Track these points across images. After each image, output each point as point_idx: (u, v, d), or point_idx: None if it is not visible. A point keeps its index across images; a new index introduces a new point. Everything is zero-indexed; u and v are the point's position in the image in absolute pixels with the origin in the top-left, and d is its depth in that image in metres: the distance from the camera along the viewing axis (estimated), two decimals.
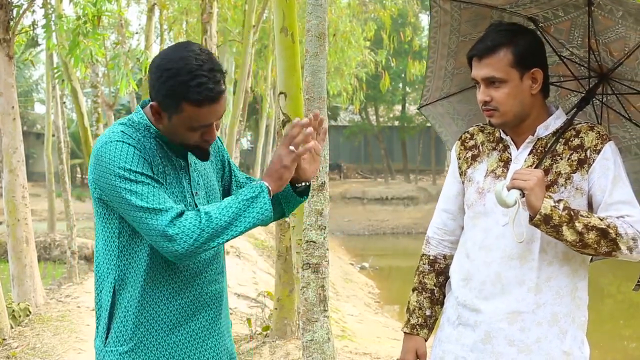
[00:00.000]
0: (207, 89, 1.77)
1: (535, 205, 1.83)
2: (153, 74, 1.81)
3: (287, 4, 4.33)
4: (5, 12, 5.99)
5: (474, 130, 2.15)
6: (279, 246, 5.86)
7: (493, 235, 1.98)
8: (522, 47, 1.92)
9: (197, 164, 1.98)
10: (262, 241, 15.39)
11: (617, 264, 10.91)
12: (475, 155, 2.09)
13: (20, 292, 6.43)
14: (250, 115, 25.98)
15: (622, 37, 1.99)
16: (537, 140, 1.99)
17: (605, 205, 1.92)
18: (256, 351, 5.41)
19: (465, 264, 2.05)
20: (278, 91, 4.39)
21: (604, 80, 2.10)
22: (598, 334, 10.45)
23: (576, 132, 1.97)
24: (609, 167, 1.92)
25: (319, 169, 2.86)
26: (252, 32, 11.73)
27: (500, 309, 1.95)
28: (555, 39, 2.11)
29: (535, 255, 1.94)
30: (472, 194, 2.05)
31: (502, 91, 1.92)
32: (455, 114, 2.42)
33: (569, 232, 1.84)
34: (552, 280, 1.95)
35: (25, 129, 24.34)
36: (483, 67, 1.93)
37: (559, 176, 1.94)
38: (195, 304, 1.94)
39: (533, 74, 1.94)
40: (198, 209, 1.79)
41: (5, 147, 6.22)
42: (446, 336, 2.09)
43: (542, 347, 1.94)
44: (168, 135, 1.87)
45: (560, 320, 1.96)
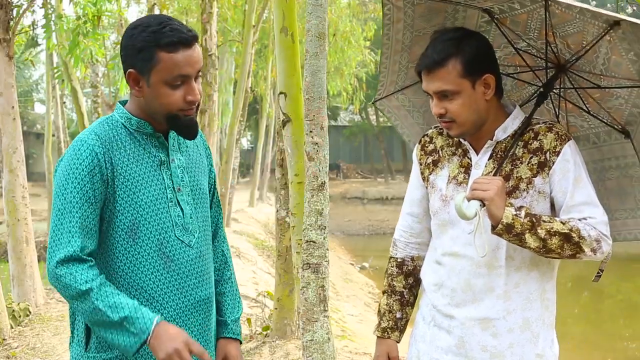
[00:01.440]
0: (179, 32, 1.76)
1: (497, 215, 1.81)
2: (124, 39, 1.81)
3: (287, 4, 4.33)
4: (5, 12, 5.98)
5: (432, 133, 2.12)
6: (279, 246, 5.86)
7: (460, 243, 1.96)
8: (470, 55, 1.87)
9: (182, 161, 1.93)
10: (262, 241, 15.39)
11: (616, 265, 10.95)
12: (436, 161, 2.06)
13: (20, 292, 6.43)
14: (250, 115, 25.99)
15: (580, 30, 1.97)
16: (496, 143, 1.97)
17: (567, 208, 1.90)
18: (256, 351, 5.41)
19: (436, 270, 2.04)
20: (278, 91, 4.39)
21: (561, 72, 2.07)
22: (598, 334, 10.44)
23: (535, 134, 1.94)
24: (569, 169, 1.90)
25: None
26: (252, 32, 11.73)
27: (471, 315, 1.95)
28: (512, 31, 2.08)
29: (502, 262, 1.92)
30: (436, 201, 2.03)
31: (456, 103, 1.88)
32: (410, 106, 2.40)
33: (532, 239, 1.82)
34: (521, 286, 1.94)
35: (25, 129, 24.32)
36: (433, 80, 1.89)
37: (520, 181, 1.92)
38: (184, 310, 1.88)
39: (485, 80, 1.90)
40: (97, 277, 1.73)
41: (5, 147, 6.22)
42: (421, 335, 2.09)
43: (515, 352, 1.94)
44: (151, 108, 1.83)
45: (531, 325, 1.96)
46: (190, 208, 1.92)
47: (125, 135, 1.84)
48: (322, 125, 3.38)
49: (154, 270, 1.83)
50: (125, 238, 1.81)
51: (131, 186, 1.81)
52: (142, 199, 1.82)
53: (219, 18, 11.96)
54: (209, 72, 8.27)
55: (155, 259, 1.84)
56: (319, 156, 3.34)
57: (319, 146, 3.36)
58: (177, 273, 1.87)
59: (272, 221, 17.06)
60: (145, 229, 1.82)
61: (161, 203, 1.85)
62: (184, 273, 1.88)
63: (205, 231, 1.97)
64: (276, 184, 5.80)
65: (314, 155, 3.37)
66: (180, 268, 1.87)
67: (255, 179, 21.17)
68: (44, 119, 17.91)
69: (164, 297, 1.85)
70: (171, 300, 1.86)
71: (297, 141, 4.15)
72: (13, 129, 6.21)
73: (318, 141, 3.36)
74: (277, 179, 5.73)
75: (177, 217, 1.88)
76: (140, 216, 1.81)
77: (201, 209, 1.97)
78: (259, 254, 13.56)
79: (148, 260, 1.83)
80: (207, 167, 2.05)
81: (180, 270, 1.87)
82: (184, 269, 1.88)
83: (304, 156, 3.54)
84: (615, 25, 1.88)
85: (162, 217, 1.85)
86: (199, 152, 2.02)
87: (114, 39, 14.64)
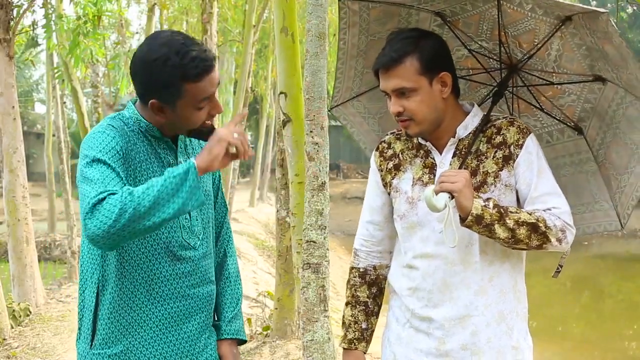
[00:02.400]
0: (201, 60, 1.76)
1: (466, 207, 1.83)
2: (141, 70, 1.78)
3: (287, 4, 4.33)
4: (5, 12, 5.99)
5: (390, 138, 2.12)
6: (279, 246, 5.86)
7: (432, 243, 1.96)
8: (427, 53, 1.89)
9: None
10: (262, 241, 15.40)
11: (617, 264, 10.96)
12: (397, 165, 2.06)
13: (21, 292, 6.43)
14: (251, 115, 25.99)
15: (532, 29, 1.99)
16: (458, 141, 1.98)
17: (531, 199, 1.93)
18: (256, 351, 5.41)
19: (408, 273, 2.03)
20: (278, 91, 4.39)
21: (514, 72, 2.10)
22: (598, 334, 10.45)
23: (497, 129, 1.97)
24: (532, 161, 1.93)
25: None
26: (252, 32, 11.73)
27: (450, 315, 1.95)
28: (464, 33, 2.11)
29: (477, 257, 1.94)
30: (402, 205, 2.02)
31: (414, 100, 1.89)
32: (366, 113, 2.40)
33: (501, 230, 1.84)
34: (495, 280, 1.95)
35: (25, 129, 24.35)
36: (391, 78, 1.90)
37: (487, 175, 1.94)
38: (187, 307, 1.92)
39: (442, 78, 1.91)
40: (121, 188, 1.66)
41: (6, 147, 6.22)
42: (396, 337, 2.08)
43: (492, 346, 1.96)
44: (174, 127, 1.85)
45: (506, 318, 1.97)
46: (196, 211, 1.94)
47: (137, 133, 1.86)
48: (322, 125, 3.38)
49: (160, 268, 1.87)
50: None
51: (139, 183, 1.82)
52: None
53: (219, 18, 11.96)
54: None
55: (162, 256, 1.87)
56: (320, 156, 3.34)
57: (319, 146, 3.36)
58: (182, 272, 1.90)
59: (272, 221, 17.06)
60: None
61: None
62: (189, 272, 1.92)
63: (209, 232, 2.01)
64: (276, 184, 5.81)
65: (314, 155, 3.37)
66: (186, 268, 1.91)
67: (256, 179, 21.18)
68: (44, 119, 17.92)
69: (167, 293, 1.89)
70: (175, 298, 1.90)
71: (298, 141, 4.15)
72: (13, 129, 6.22)
73: (318, 141, 3.36)
74: (277, 179, 5.74)
75: (183, 220, 1.91)
76: None
77: (206, 211, 2.00)
78: (260, 254, 13.56)
79: (156, 257, 1.86)
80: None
81: (185, 270, 1.91)
82: (188, 269, 1.92)
83: (304, 156, 3.54)
84: (567, 20, 1.91)
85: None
86: None
87: (114, 39, 14.64)
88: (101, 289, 1.86)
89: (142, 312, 1.87)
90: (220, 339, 2.05)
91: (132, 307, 1.86)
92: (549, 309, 11.69)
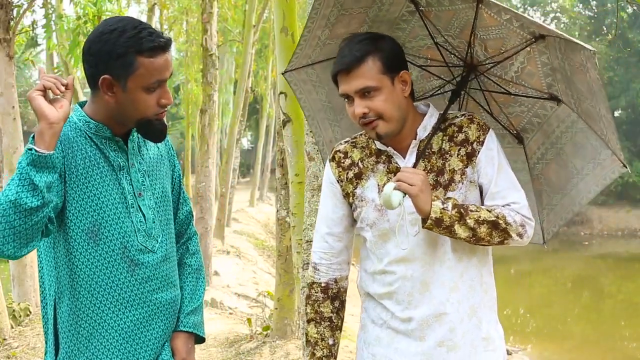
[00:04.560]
0: (158, 36, 1.75)
1: (425, 210, 1.83)
2: (96, 43, 1.76)
3: (287, 4, 4.33)
4: (5, 12, 5.99)
5: (345, 147, 2.09)
6: (279, 246, 5.86)
7: (407, 246, 1.96)
8: (387, 52, 1.90)
9: (142, 164, 1.91)
10: (262, 241, 15.41)
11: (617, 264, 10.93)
12: (359, 174, 2.04)
13: (21, 292, 6.43)
14: (251, 115, 25.99)
15: (501, 37, 2.01)
16: (419, 143, 1.98)
17: (491, 194, 1.95)
18: (256, 351, 5.42)
19: (383, 279, 2.01)
20: (278, 91, 4.39)
21: (473, 72, 2.11)
22: (598, 334, 10.44)
23: (458, 127, 1.98)
24: (493, 157, 1.95)
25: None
26: (252, 32, 11.75)
27: (428, 314, 1.96)
28: (433, 25, 2.11)
29: (450, 254, 1.95)
30: (370, 213, 2.00)
31: (378, 99, 1.88)
32: (317, 82, 2.37)
33: (462, 230, 1.86)
34: (465, 275, 1.97)
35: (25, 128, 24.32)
36: (354, 79, 1.88)
37: (454, 173, 1.95)
38: (149, 313, 1.87)
39: (402, 77, 1.92)
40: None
41: (6, 147, 6.22)
42: (374, 338, 2.06)
43: (466, 341, 1.97)
44: (123, 115, 1.80)
45: (477, 311, 1.99)
46: (153, 213, 1.90)
47: (83, 137, 1.82)
48: None
49: (117, 274, 1.82)
50: (86, 240, 1.78)
51: (86, 189, 1.78)
52: (101, 202, 1.80)
53: (219, 18, 11.96)
54: (209, 72, 8.28)
55: (119, 262, 1.82)
56: (319, 156, 3.34)
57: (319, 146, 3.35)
58: (141, 277, 1.85)
59: (272, 221, 17.06)
60: (107, 232, 1.80)
61: (121, 208, 1.82)
62: (148, 277, 1.87)
63: (169, 234, 1.96)
64: (276, 184, 5.81)
65: (314, 155, 3.37)
66: (145, 272, 1.86)
67: (256, 179, 21.19)
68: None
69: (128, 300, 1.83)
70: (135, 304, 1.85)
71: (298, 141, 4.15)
72: (13, 129, 6.22)
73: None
74: (277, 179, 5.74)
75: (139, 223, 1.86)
76: (101, 218, 1.79)
77: (164, 212, 1.95)
78: (259, 254, 13.58)
79: (111, 263, 1.81)
80: (170, 168, 2.03)
81: (145, 275, 1.86)
82: (148, 273, 1.86)
83: (304, 156, 3.54)
84: (540, 38, 1.94)
85: (123, 222, 1.82)
86: (160, 154, 1.99)
87: None
88: (58, 301, 1.82)
89: (102, 320, 1.82)
90: (176, 330, 1.97)
91: (91, 317, 1.81)
92: (549, 309, 11.69)
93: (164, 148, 2.02)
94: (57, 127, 1.66)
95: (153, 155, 1.96)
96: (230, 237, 13.80)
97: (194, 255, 2.10)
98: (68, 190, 1.76)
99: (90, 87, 1.83)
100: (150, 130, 1.83)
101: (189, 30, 15.74)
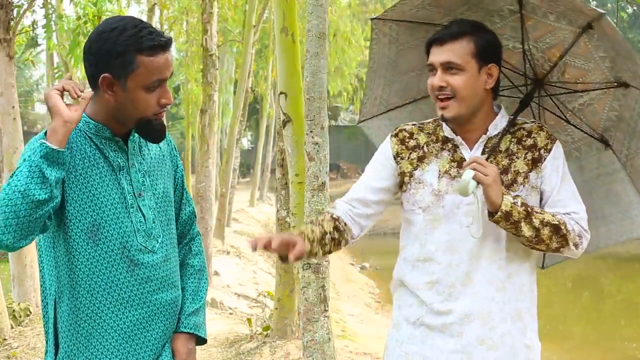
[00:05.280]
0: (158, 35, 1.76)
1: (496, 202, 1.85)
2: (96, 42, 1.76)
3: (287, 4, 4.33)
4: (5, 12, 5.98)
5: (412, 129, 2.10)
6: None
7: (457, 236, 1.96)
8: (484, 41, 1.94)
9: (143, 165, 1.90)
10: None
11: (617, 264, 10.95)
12: (422, 157, 2.05)
13: (21, 292, 6.42)
14: (251, 115, 25.99)
15: (585, 70, 2.05)
16: (487, 139, 2.01)
17: (552, 202, 1.97)
18: (256, 351, 5.42)
19: (426, 267, 2.01)
20: (278, 91, 4.39)
21: (538, 87, 2.16)
22: (598, 334, 10.44)
23: (527, 132, 2.01)
24: (558, 166, 1.98)
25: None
26: (252, 32, 11.75)
27: (471, 309, 1.96)
28: (527, 32, 2.13)
29: (503, 254, 1.96)
30: (426, 197, 2.01)
31: (459, 78, 1.92)
32: (395, 39, 2.33)
33: (527, 228, 1.87)
34: (515, 277, 1.97)
35: (25, 129, 24.33)
36: (444, 52, 1.93)
37: (517, 175, 1.97)
38: (149, 314, 1.87)
39: (489, 69, 1.95)
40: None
41: (6, 147, 6.21)
42: (407, 336, 2.05)
43: (506, 342, 1.97)
44: (123, 114, 1.80)
45: (523, 316, 1.99)
46: (153, 213, 1.89)
47: (82, 138, 1.82)
48: (322, 126, 3.39)
49: (117, 274, 1.82)
50: (86, 240, 1.79)
51: (86, 189, 1.78)
52: (100, 202, 1.80)
53: (220, 18, 11.96)
54: (209, 72, 8.27)
55: (118, 262, 1.82)
56: (320, 156, 3.34)
57: (319, 146, 3.36)
58: (141, 278, 1.85)
59: (272, 221, 17.04)
60: (106, 232, 1.80)
61: (121, 208, 1.82)
62: (148, 277, 1.86)
63: (169, 234, 1.95)
64: (276, 184, 5.81)
65: (314, 155, 3.37)
66: (145, 273, 1.85)
67: (256, 179, 21.19)
68: (44, 119, 17.91)
69: (127, 300, 1.83)
70: (135, 304, 1.84)
71: (298, 141, 4.16)
72: (13, 129, 6.21)
73: (318, 141, 3.37)
74: (277, 179, 5.74)
75: (139, 223, 1.86)
76: (100, 219, 1.79)
77: (165, 213, 1.94)
78: (260, 254, 13.56)
79: (111, 263, 1.81)
80: (172, 168, 2.03)
81: (145, 275, 1.85)
82: (148, 274, 1.86)
83: (304, 156, 3.55)
84: (623, 85, 2.00)
85: (123, 223, 1.82)
86: (161, 154, 1.99)
87: None
88: (58, 300, 1.82)
89: (102, 320, 1.82)
90: (177, 331, 1.97)
91: (90, 316, 1.81)
92: (549, 309, 11.68)
93: (167, 148, 2.02)
94: (70, 127, 1.70)
95: (154, 155, 1.95)
96: (231, 237, 13.79)
97: (197, 256, 2.09)
98: (67, 190, 1.77)
99: (91, 87, 1.83)
100: (149, 131, 1.84)
101: (189, 30, 15.73)
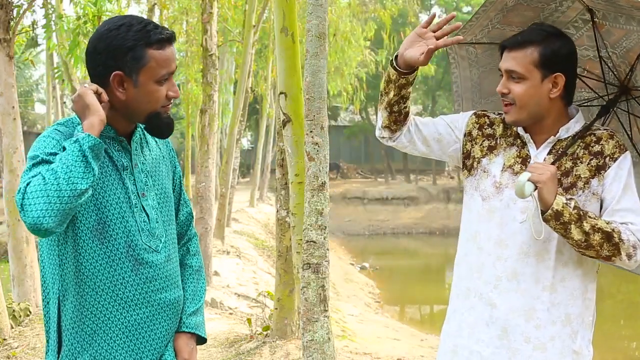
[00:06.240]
0: (163, 29, 1.81)
1: (548, 200, 1.87)
2: (103, 42, 1.78)
3: (287, 4, 4.33)
4: (5, 12, 5.98)
5: (494, 119, 2.15)
6: (279, 246, 5.85)
7: (509, 231, 1.99)
8: (550, 50, 1.94)
9: (145, 165, 1.93)
10: (262, 241, 15.40)
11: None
12: (492, 147, 2.10)
13: (21, 292, 6.42)
14: (251, 115, 25.99)
15: (637, 43, 2.03)
16: (557, 141, 2.03)
17: (611, 211, 1.96)
18: (256, 351, 5.41)
19: (478, 256, 2.05)
20: (278, 91, 4.39)
21: (624, 94, 2.14)
22: (598, 334, 10.43)
23: (597, 138, 2.01)
24: (622, 176, 1.97)
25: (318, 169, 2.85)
26: (252, 32, 11.73)
27: (516, 305, 1.98)
28: (602, 39, 2.13)
29: (552, 254, 1.97)
30: (488, 187, 2.06)
31: (520, 87, 1.95)
32: (475, 61, 2.42)
33: (577, 231, 1.87)
34: (567, 281, 1.98)
35: (25, 129, 24.35)
36: (509, 59, 1.97)
37: (578, 179, 1.98)
38: (153, 313, 1.89)
39: (555, 79, 1.96)
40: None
41: (6, 147, 6.21)
42: (456, 330, 2.10)
43: (555, 345, 1.98)
44: (133, 110, 1.83)
45: (573, 321, 2.00)
46: (156, 213, 1.92)
47: None
48: (322, 125, 3.38)
49: (122, 273, 1.83)
50: (92, 238, 1.80)
51: (95, 188, 1.79)
52: (106, 201, 1.81)
53: (219, 18, 11.96)
54: (209, 72, 8.27)
55: (124, 261, 1.83)
56: (319, 156, 3.34)
57: (319, 146, 3.36)
58: (145, 277, 1.87)
59: (272, 221, 17.06)
60: (112, 231, 1.82)
61: (125, 207, 1.84)
62: (153, 277, 1.88)
63: (171, 234, 1.98)
64: (276, 184, 5.80)
65: (314, 155, 3.37)
66: (149, 272, 1.87)
67: (256, 179, 21.17)
68: (44, 119, 17.92)
69: (132, 299, 1.85)
70: (140, 303, 1.86)
71: (298, 141, 4.16)
72: (13, 129, 6.21)
73: (318, 141, 3.36)
74: (277, 179, 5.73)
75: (142, 223, 1.88)
76: (106, 217, 1.81)
77: (166, 213, 1.97)
78: (259, 254, 13.56)
79: (116, 262, 1.82)
80: (171, 168, 2.05)
81: (149, 274, 1.87)
82: (152, 273, 1.88)
83: (304, 156, 3.55)
84: None
85: (128, 222, 1.84)
86: (161, 155, 2.01)
87: None
88: (62, 299, 1.83)
89: (107, 318, 1.83)
90: (178, 331, 2.00)
91: (95, 314, 1.83)
92: None
93: (165, 149, 2.04)
94: (103, 124, 1.73)
95: (155, 156, 1.98)
96: (230, 237, 13.79)
97: (195, 256, 2.12)
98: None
99: (108, 87, 1.84)
100: (159, 125, 1.87)
101: (189, 31, 15.72)
